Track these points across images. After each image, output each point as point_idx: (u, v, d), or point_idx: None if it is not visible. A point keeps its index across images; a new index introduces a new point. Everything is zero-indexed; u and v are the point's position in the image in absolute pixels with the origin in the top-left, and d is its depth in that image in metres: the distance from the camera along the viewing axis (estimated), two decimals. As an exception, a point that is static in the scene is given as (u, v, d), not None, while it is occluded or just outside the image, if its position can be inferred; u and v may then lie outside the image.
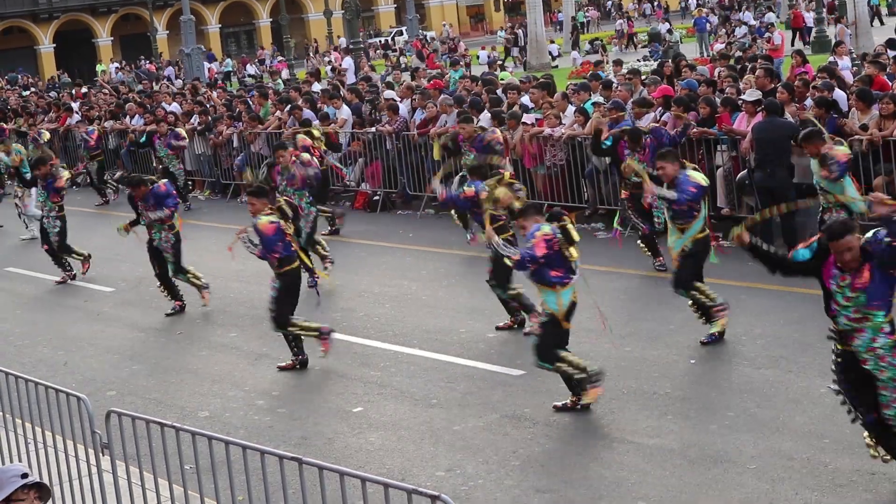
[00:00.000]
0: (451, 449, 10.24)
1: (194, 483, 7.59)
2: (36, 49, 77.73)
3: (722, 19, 57.43)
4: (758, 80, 17.75)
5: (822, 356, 11.89)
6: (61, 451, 8.75)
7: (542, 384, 11.64)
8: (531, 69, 43.96)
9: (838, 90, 17.01)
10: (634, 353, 12.35)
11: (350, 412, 11.56)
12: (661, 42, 51.09)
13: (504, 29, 69.18)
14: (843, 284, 8.23)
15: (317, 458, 8.49)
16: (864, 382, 8.44)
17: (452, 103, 21.08)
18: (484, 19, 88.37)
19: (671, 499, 9.00)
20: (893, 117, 15.34)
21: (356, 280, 16.88)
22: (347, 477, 6.43)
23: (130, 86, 40.20)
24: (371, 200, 22.74)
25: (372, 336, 14.08)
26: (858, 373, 8.42)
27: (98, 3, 78.60)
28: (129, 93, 35.82)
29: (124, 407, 10.44)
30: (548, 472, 9.67)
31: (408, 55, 57.74)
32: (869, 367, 8.35)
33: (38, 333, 15.70)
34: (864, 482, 8.88)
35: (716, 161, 17.41)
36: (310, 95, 25.45)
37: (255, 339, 14.44)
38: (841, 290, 8.26)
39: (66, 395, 8.50)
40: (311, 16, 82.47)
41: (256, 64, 65.75)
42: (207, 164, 26.58)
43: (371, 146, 22.65)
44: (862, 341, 8.31)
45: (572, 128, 19.01)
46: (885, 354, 8.30)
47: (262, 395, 12.30)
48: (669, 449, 9.88)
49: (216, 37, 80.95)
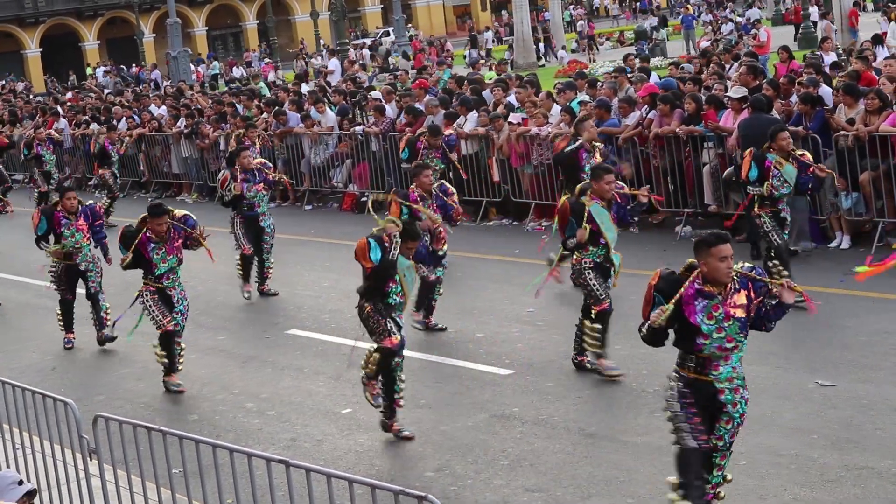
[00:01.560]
0: (439, 449, 10.24)
1: (182, 487, 7.57)
2: (22, 54, 77.58)
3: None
4: (741, 77, 17.77)
5: (811, 352, 11.95)
6: (49, 456, 8.73)
7: (531, 383, 11.66)
8: (518, 68, 43.95)
9: (824, 86, 17.04)
10: (623, 352, 12.34)
11: (339, 413, 11.55)
12: (648, 40, 51.11)
13: (490, 28, 69.29)
14: (718, 314, 7.79)
15: (306, 460, 8.51)
16: (703, 411, 7.95)
17: (437, 104, 21.07)
18: (470, 19, 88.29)
19: (660, 496, 8.99)
20: (879, 112, 15.38)
21: (344, 281, 16.84)
22: (335, 479, 6.43)
23: (111, 93, 40.11)
24: (358, 201, 22.74)
25: (360, 337, 14.03)
26: (701, 402, 7.93)
27: (84, 6, 78.46)
28: (116, 98, 35.75)
29: (113, 411, 10.44)
30: (537, 471, 9.67)
31: (395, 56, 57.66)
32: (723, 398, 7.90)
33: (26, 338, 15.66)
34: (853, 477, 8.90)
35: (702, 158, 17.43)
36: (298, 97, 25.45)
37: (244, 341, 14.42)
38: (714, 321, 7.79)
39: (54, 400, 8.49)
40: (298, 17, 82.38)
41: (244, 66, 65.65)
42: (195, 167, 26.55)
43: (358, 147, 22.64)
44: (725, 370, 7.89)
45: (559, 127, 19.01)
46: (739, 386, 7.95)
47: (250, 397, 12.28)
48: (658, 446, 9.87)
49: (203, 39, 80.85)
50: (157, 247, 12.49)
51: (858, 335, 12.21)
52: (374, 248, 10.35)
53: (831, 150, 15.68)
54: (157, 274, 12.55)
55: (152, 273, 12.57)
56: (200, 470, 7.30)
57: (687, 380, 7.97)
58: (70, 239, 14.46)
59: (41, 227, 14.53)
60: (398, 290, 10.55)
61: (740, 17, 53.32)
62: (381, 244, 10.40)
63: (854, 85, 16.28)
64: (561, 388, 11.59)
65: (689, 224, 17.54)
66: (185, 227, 12.59)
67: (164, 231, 12.48)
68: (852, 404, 10.38)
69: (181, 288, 12.80)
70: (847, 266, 14.82)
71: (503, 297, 15.18)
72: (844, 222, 15.92)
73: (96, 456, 8.09)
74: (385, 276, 10.47)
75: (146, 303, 12.62)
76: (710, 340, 7.82)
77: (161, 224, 12.44)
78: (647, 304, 8.02)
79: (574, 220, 11.49)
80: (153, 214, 12.50)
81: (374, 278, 10.51)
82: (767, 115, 15.90)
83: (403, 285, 10.57)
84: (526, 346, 13.06)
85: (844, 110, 15.91)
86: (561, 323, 13.75)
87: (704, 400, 7.93)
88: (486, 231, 19.69)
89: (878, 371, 11.17)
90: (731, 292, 7.84)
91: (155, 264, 12.51)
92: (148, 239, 12.49)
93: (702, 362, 7.92)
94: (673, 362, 11.64)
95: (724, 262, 7.75)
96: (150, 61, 67.36)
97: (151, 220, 12.46)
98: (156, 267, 12.52)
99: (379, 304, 10.56)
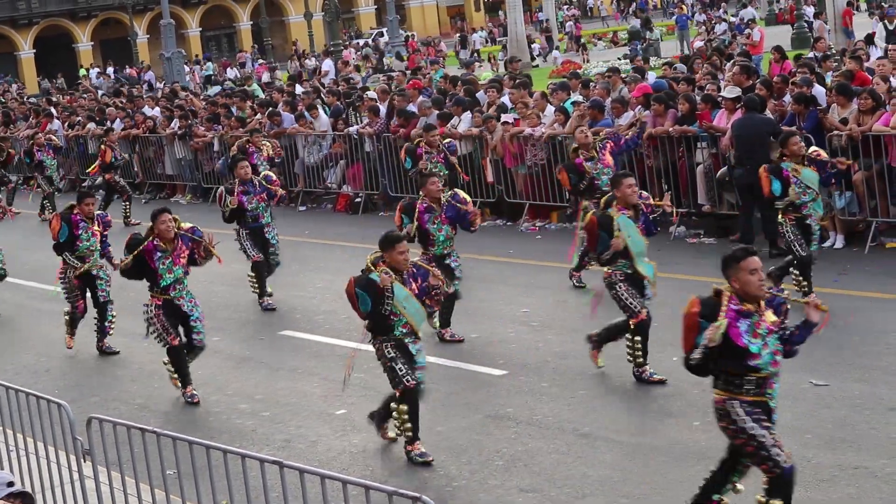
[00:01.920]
0: (434, 450, 10.22)
1: (176, 488, 7.59)
2: (16, 55, 77.43)
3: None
4: (734, 77, 17.78)
5: (804, 352, 11.89)
6: (43, 458, 8.73)
7: (525, 384, 11.66)
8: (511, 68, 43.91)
9: (817, 86, 17.06)
10: (616, 352, 12.34)
11: (333, 415, 11.55)
12: (641, 40, 51.11)
13: (484, 28, 69.32)
14: (761, 331, 7.69)
15: (300, 461, 8.50)
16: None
17: (430, 105, 21.08)
18: (464, 19, 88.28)
19: (654, 496, 9.01)
20: (872, 112, 15.40)
21: (339, 282, 16.82)
22: (329, 480, 6.43)
23: (105, 95, 40.07)
24: (353, 202, 22.74)
25: (354, 338, 14.03)
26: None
27: (78, 7, 78.32)
28: (110, 100, 35.73)
29: (108, 413, 10.44)
30: (531, 471, 9.67)
31: (388, 56, 57.63)
32: (776, 417, 7.88)
33: (20, 340, 15.65)
34: (847, 477, 8.91)
35: (696, 158, 17.44)
36: (292, 98, 25.44)
37: (239, 342, 14.42)
38: (760, 339, 7.67)
39: (48, 401, 8.48)
40: (292, 18, 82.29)
41: (238, 67, 65.61)
42: (188, 169, 26.53)
43: (352, 148, 22.63)
44: (777, 387, 7.84)
45: (552, 127, 19.02)
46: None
47: (245, 398, 12.27)
48: (653, 446, 9.90)
49: (196, 40, 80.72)
50: (163, 256, 12.21)
51: (852, 335, 12.21)
52: (363, 299, 9.89)
53: (825, 149, 15.68)
54: (162, 285, 12.27)
55: (157, 284, 12.29)
56: (194, 471, 7.30)
57: (748, 402, 7.75)
58: (84, 243, 14.27)
59: (63, 233, 14.21)
60: (402, 321, 10.04)
61: (734, 16, 53.35)
62: (369, 291, 9.90)
63: (847, 85, 16.31)
64: (555, 388, 11.59)
65: (683, 224, 17.54)
66: (193, 237, 12.32)
67: (169, 235, 12.24)
68: (846, 404, 10.40)
69: (190, 296, 12.45)
70: (841, 266, 14.87)
71: (497, 297, 15.19)
72: (838, 222, 15.94)
73: (90, 457, 8.08)
74: (382, 316, 10.03)
75: (150, 317, 12.34)
76: (762, 359, 7.68)
77: (164, 223, 12.19)
78: (690, 331, 7.75)
79: (604, 233, 11.28)
80: (154, 214, 12.31)
81: (372, 319, 10.14)
82: (761, 114, 15.93)
83: (406, 317, 10.05)
84: (520, 346, 13.06)
85: (837, 110, 15.94)
86: (555, 323, 13.77)
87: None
88: (479, 231, 19.47)
89: (872, 371, 11.18)
90: (763, 308, 7.73)
91: (160, 274, 12.21)
92: (154, 247, 12.25)
93: (760, 382, 7.74)
94: (662, 361, 11.67)
95: (754, 275, 7.62)
96: (145, 62, 67.25)
97: (154, 222, 12.23)
98: (161, 277, 12.22)
99: (389, 343, 10.08)
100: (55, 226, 14.32)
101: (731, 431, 7.81)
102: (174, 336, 12.30)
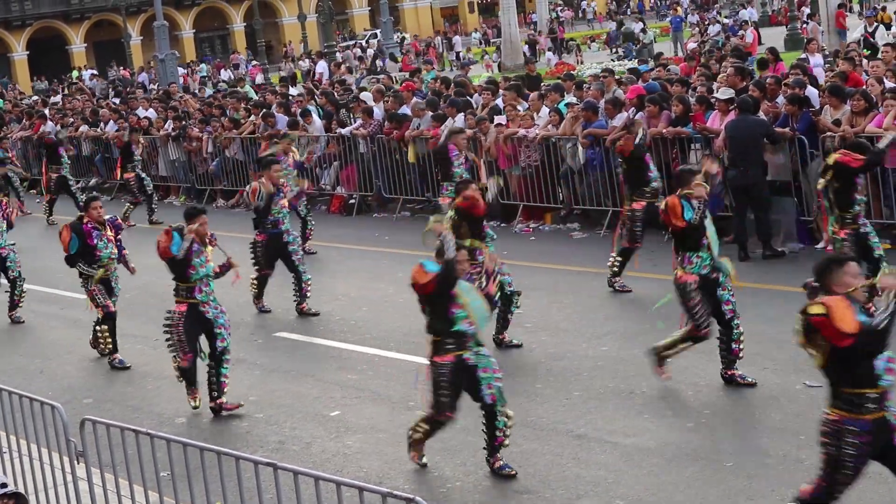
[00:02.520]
0: (428, 451, 10.21)
1: (170, 490, 7.58)
2: (9, 57, 77.34)
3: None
4: (728, 79, 17.80)
5: (797, 353, 11.91)
6: (36, 459, 8.72)
7: (520, 386, 11.65)
8: (505, 70, 43.97)
9: (810, 87, 17.08)
10: (611, 353, 12.37)
11: (327, 416, 11.55)
12: (635, 42, 51.19)
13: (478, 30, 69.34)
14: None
15: (294, 463, 8.50)
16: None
17: (424, 107, 21.08)
18: (458, 21, 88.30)
19: (649, 497, 9.02)
20: (865, 114, 15.41)
21: (333, 284, 16.87)
22: (323, 481, 6.43)
23: (99, 98, 40.06)
24: (347, 204, 22.74)
25: (349, 339, 14.06)
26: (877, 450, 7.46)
27: (71, 9, 78.24)
28: (104, 101, 35.73)
29: (102, 414, 10.42)
30: (525, 472, 9.67)
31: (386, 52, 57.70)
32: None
33: (14, 341, 15.63)
34: (840, 477, 8.89)
35: (689, 159, 17.43)
36: (286, 99, 25.42)
37: (233, 344, 14.32)
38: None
39: (41, 403, 8.48)
40: (286, 20, 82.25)
41: (231, 69, 65.57)
42: (182, 170, 26.51)
43: (346, 149, 22.62)
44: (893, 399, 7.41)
45: (546, 128, 19.03)
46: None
47: (239, 400, 12.25)
48: (646, 448, 9.91)
49: (190, 42, 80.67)
50: (199, 250, 11.96)
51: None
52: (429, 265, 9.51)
53: (818, 151, 15.71)
54: (192, 280, 11.89)
55: (187, 278, 11.92)
56: (188, 473, 7.30)
57: (866, 424, 7.36)
58: (105, 251, 13.85)
59: (73, 244, 13.71)
60: (463, 315, 9.57)
61: (727, 18, 53.43)
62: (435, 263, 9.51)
63: (840, 86, 16.32)
64: (549, 389, 11.60)
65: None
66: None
67: (206, 233, 11.99)
68: (840, 405, 10.38)
69: (215, 302, 12.12)
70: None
71: (491, 298, 15.16)
72: (831, 223, 15.91)
73: (84, 459, 8.07)
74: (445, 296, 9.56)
75: (171, 327, 11.93)
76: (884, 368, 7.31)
77: (202, 225, 11.91)
78: (847, 310, 7.21)
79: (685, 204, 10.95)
80: (189, 216, 11.99)
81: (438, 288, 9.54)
82: (754, 116, 15.94)
83: (469, 310, 9.59)
84: (514, 348, 13.04)
85: (830, 111, 15.95)
86: (549, 325, 13.77)
87: (882, 445, 7.45)
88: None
89: (866, 371, 11.17)
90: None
91: (194, 267, 11.87)
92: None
93: (881, 396, 7.37)
94: (648, 363, 11.59)
95: (857, 280, 7.40)
96: (138, 64, 67.22)
97: (189, 224, 11.87)
98: (193, 270, 11.85)
99: (445, 369, 9.71)
100: (65, 237, 13.81)
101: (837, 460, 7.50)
102: (188, 354, 11.92)
